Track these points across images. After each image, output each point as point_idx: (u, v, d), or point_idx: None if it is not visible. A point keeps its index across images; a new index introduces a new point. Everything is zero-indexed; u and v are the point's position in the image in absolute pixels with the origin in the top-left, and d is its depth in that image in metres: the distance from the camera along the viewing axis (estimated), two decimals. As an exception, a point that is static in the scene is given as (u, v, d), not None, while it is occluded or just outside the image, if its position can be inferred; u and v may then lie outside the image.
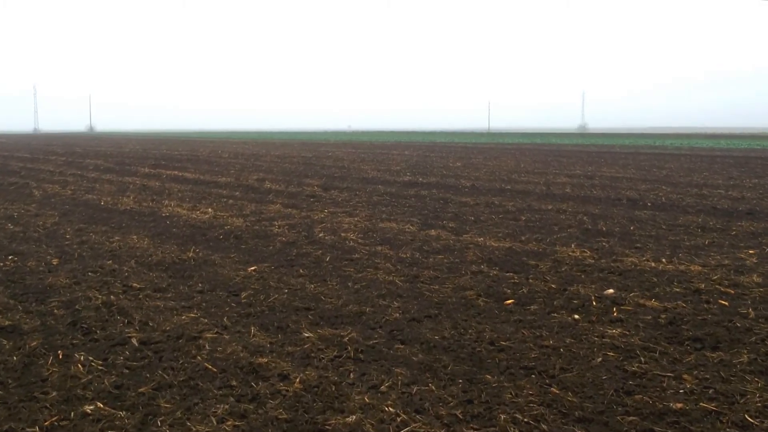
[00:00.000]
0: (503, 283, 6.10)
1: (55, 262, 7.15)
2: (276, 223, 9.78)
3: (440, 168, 21.48)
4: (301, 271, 6.70)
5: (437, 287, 5.99)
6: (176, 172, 19.43)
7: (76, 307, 5.36)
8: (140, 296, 5.73)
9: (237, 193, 14.07)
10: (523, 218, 10.22)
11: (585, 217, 10.30)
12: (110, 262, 7.18)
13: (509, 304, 5.48)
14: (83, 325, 4.89)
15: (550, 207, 11.54)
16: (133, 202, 12.44)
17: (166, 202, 12.36)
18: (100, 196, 13.30)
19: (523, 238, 8.47)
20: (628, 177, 17.95)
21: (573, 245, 7.96)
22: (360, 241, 8.34)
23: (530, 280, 6.21)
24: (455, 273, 6.54)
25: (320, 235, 8.74)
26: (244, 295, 5.83)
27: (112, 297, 5.65)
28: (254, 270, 6.76)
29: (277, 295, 5.76)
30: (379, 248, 7.82)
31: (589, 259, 7.19)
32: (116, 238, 8.69)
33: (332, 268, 6.82)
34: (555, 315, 5.17)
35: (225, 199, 12.80)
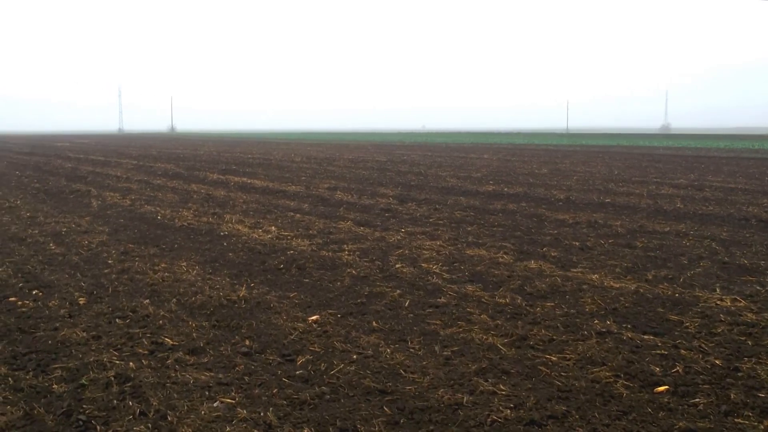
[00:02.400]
0: (645, 354, 4.54)
1: (81, 301, 5.98)
2: (346, 247, 8.43)
3: (525, 175, 19.77)
4: (374, 323, 5.30)
5: (555, 359, 4.47)
6: (245, 179, 18.43)
7: (82, 381, 4.11)
8: (168, 362, 4.44)
9: (305, 205, 12.83)
10: (639, 244, 8.53)
11: (714, 244, 8.54)
12: (147, 301, 5.96)
13: (662, 392, 3.93)
14: (80, 419, 3.61)
15: (666, 228, 9.78)
16: (192, 215, 11.35)
17: (228, 216, 11.22)
18: (158, 208, 12.30)
19: (648, 275, 6.83)
20: (742, 188, 15.82)
21: (717, 288, 6.28)
22: (445, 275, 6.88)
23: (681, 351, 4.61)
24: (575, 333, 5.01)
25: (397, 265, 7.33)
26: (300, 361, 4.48)
27: (131, 364, 4.38)
28: (316, 320, 5.40)
29: (342, 365, 4.38)
30: (469, 288, 6.35)
31: (747, 312, 5.52)
32: (162, 265, 7.52)
33: (413, 320, 5.39)
34: (737, 419, 3.59)
35: (292, 214, 11.56)
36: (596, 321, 5.28)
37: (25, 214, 11.71)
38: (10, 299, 6.06)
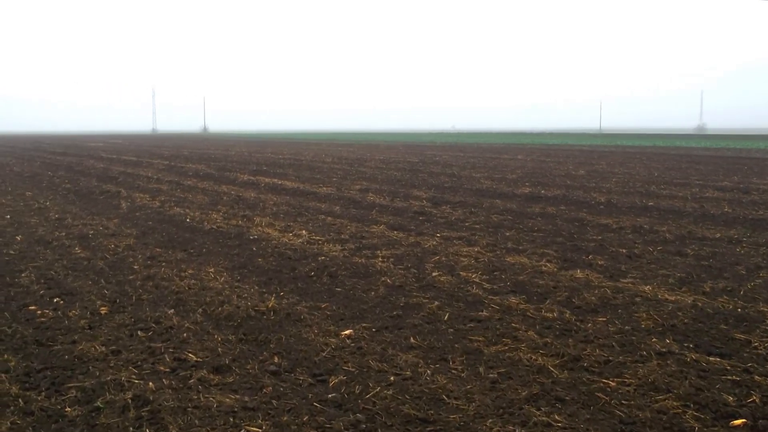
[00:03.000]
0: (714, 380, 4.09)
1: (103, 310, 5.70)
2: (380, 253, 8.07)
3: (562, 177, 19.21)
4: (412, 339, 4.92)
5: (614, 384, 4.05)
6: (276, 180, 18.17)
7: (98, 403, 3.80)
8: (190, 382, 4.11)
9: (337, 207, 12.50)
10: (690, 252, 8.03)
11: (772, 252, 8.01)
12: (171, 311, 5.66)
13: (740, 426, 3.49)
14: (91, 450, 3.30)
15: (717, 235, 9.25)
16: (221, 218, 11.08)
17: (258, 219, 10.92)
18: (188, 210, 12.06)
19: (705, 287, 6.34)
20: (792, 191, 15.11)
21: (783, 302, 5.78)
22: (485, 285, 6.48)
23: (754, 376, 4.15)
24: (632, 353, 4.57)
25: (434, 274, 6.94)
26: (333, 382, 4.12)
27: (151, 384, 4.05)
28: (350, 334, 5.04)
29: (379, 388, 4.01)
30: (512, 300, 5.93)
31: (821, 330, 5.03)
32: (189, 271, 7.23)
33: (454, 336, 5.00)
34: (832, 462, 3.14)
35: (323, 217, 11.23)
36: (654, 339, 4.83)
37: (53, 216, 11.56)
38: (30, 308, 5.80)
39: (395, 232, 9.66)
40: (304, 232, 9.63)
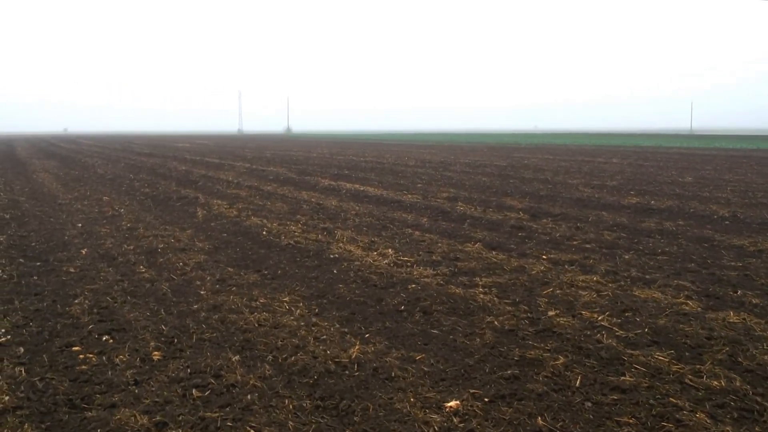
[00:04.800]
0: None
1: (156, 356, 4.76)
2: (479, 280, 6.90)
3: (668, 184, 17.46)
4: (539, 420, 3.74)
5: None
6: (357, 186, 17.21)
7: None
8: (250, 483, 3.08)
9: (424, 219, 11.38)
10: None
11: None
12: (236, 358, 4.68)
13: None
14: None
15: None
16: (300, 231, 10.14)
17: (339, 232, 9.93)
18: (265, 221, 11.20)
19: None
20: None
21: None
22: (618, 331, 5.22)
23: None
24: None
25: (550, 313, 5.73)
26: (439, 490, 3.00)
27: (198, 486, 3.04)
28: (456, 407, 3.91)
29: (505, 508, 2.86)
30: (658, 356, 4.66)
31: None
32: (261, 300, 6.27)
33: (594, 414, 3.79)
34: None
35: (410, 231, 10.13)
36: None
37: (125, 225, 10.91)
38: (74, 348, 4.93)
39: (493, 252, 8.46)
40: (390, 250, 8.55)
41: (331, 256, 8.30)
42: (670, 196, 14.72)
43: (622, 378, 4.29)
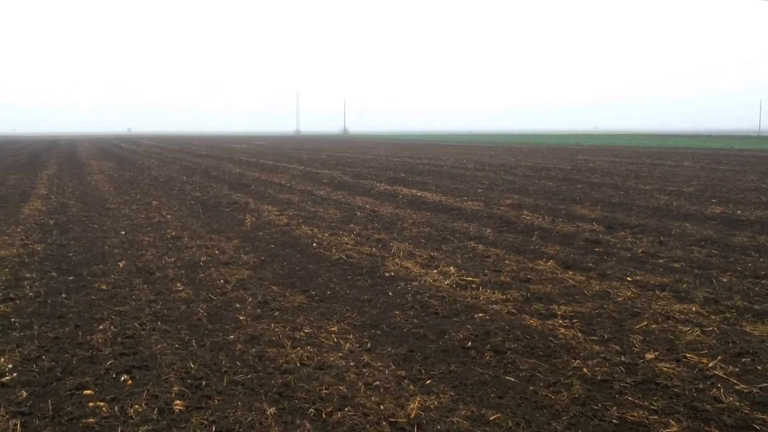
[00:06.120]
0: None
1: (178, 406, 3.98)
2: (557, 309, 5.95)
3: (752, 191, 16.03)
4: None
5: None
6: (415, 191, 16.33)
7: None
8: None
9: (488, 230, 10.44)
10: None
11: None
12: (271, 411, 3.88)
13: None
14: None
15: None
16: (353, 243, 9.34)
17: (395, 245, 9.09)
18: (316, 230, 10.44)
19: None
20: None
21: None
22: (737, 385, 4.22)
23: None
24: None
25: (648, 355, 4.75)
26: None
27: None
28: (546, 499, 3.01)
29: None
30: (801, 426, 3.66)
31: None
32: (306, 330, 5.47)
33: None
34: None
35: (473, 244, 9.22)
36: None
37: (170, 234, 10.31)
38: (85, 392, 4.21)
39: (570, 272, 7.49)
40: (451, 268, 7.66)
41: (386, 274, 7.47)
42: (757, 204, 13.40)
43: (762, 459, 3.32)
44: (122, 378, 4.45)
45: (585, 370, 4.51)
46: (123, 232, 10.46)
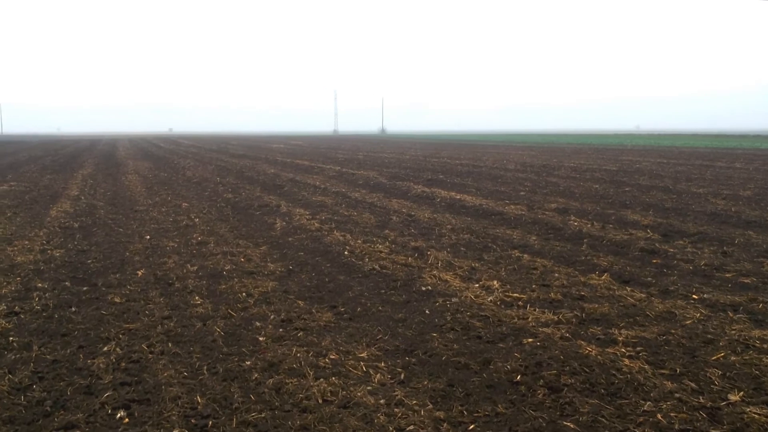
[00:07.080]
0: None
1: (176, 458, 3.40)
2: (618, 335, 5.22)
3: (816, 195, 14.97)
4: None
5: None
6: (453, 194, 15.61)
7: None
8: None
9: (533, 237, 9.70)
10: None
11: None
12: (285, 465, 3.25)
13: None
14: None
15: None
16: (387, 252, 8.70)
17: (432, 254, 8.42)
18: (349, 237, 9.82)
19: None
20: None
21: None
22: None
23: None
24: None
25: (732, 397, 4.01)
26: None
27: None
28: None
29: None
30: None
31: None
32: (332, 356, 4.85)
33: None
34: None
35: (517, 254, 8.50)
36: None
37: (196, 239, 9.80)
38: (74, 434, 3.64)
39: (627, 287, 6.73)
40: (495, 282, 6.97)
41: (423, 288, 6.81)
42: (825, 210, 12.38)
43: None
44: (118, 415, 3.87)
45: (659, 416, 3.79)
46: (148, 237, 9.99)
